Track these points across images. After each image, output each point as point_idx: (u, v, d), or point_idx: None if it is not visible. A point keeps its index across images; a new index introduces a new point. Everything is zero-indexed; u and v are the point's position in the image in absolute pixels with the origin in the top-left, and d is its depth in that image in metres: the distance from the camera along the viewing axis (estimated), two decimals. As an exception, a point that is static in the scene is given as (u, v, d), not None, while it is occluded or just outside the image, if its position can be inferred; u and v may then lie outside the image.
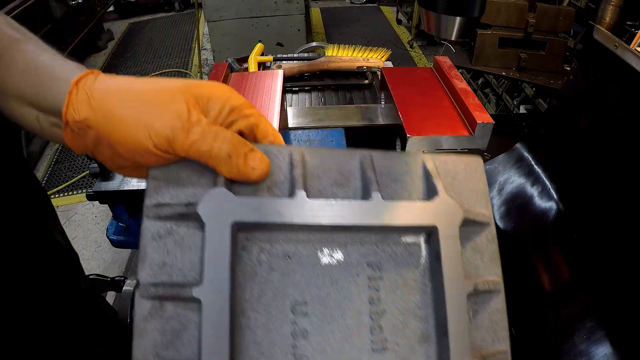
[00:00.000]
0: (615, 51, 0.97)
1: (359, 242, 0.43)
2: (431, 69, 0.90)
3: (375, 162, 0.46)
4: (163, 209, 0.40)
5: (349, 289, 0.41)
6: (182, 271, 0.38)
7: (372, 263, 0.42)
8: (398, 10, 5.29)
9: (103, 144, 0.41)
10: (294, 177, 0.42)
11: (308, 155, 0.44)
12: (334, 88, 1.24)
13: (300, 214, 0.40)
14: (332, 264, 0.42)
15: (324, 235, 0.42)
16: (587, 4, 2.34)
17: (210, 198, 0.39)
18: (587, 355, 0.84)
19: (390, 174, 0.46)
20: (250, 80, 0.86)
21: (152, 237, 0.39)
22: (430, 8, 0.77)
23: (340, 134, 0.91)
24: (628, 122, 0.96)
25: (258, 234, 0.41)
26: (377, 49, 1.33)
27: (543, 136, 1.27)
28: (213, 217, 0.39)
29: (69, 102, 0.40)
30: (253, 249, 0.40)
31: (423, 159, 0.47)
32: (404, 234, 0.44)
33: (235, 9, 3.31)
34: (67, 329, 0.61)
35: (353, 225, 0.41)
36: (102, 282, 0.86)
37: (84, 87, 0.40)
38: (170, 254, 0.39)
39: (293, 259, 0.41)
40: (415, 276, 0.43)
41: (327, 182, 0.44)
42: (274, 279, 0.40)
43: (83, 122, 0.40)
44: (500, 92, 2.79)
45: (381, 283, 0.42)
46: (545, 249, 1.06)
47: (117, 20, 5.74)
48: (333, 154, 0.46)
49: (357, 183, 0.45)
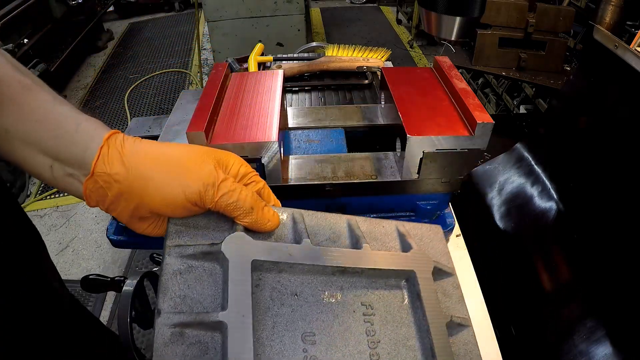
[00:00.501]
0: (615, 51, 0.97)
1: (353, 286, 0.52)
2: (431, 69, 0.90)
3: (360, 224, 0.57)
4: (186, 249, 0.47)
5: (348, 322, 0.49)
6: (201, 303, 0.44)
7: (365, 302, 0.51)
8: (398, 10, 5.28)
9: (123, 198, 0.46)
10: (298, 230, 0.52)
11: (307, 217, 0.55)
12: (334, 88, 1.24)
13: (308, 256, 0.49)
14: (333, 302, 0.50)
15: (325, 278, 0.51)
16: (587, 4, 2.34)
17: (232, 240, 0.47)
18: (587, 355, 0.84)
19: (372, 233, 0.57)
20: (250, 80, 0.86)
21: (173, 272, 0.45)
22: (430, 8, 0.77)
23: (340, 134, 0.91)
24: (628, 122, 0.96)
25: (269, 276, 0.48)
26: (377, 49, 1.33)
27: (543, 136, 1.27)
28: (235, 255, 0.46)
29: (99, 156, 0.45)
30: (265, 288, 0.48)
31: (396, 225, 0.60)
32: (387, 279, 0.54)
33: (235, 9, 3.31)
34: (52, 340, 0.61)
35: (350, 267, 0.51)
36: (102, 282, 0.86)
37: (115, 145, 0.46)
38: (190, 288, 0.45)
39: (300, 297, 0.49)
40: (400, 313, 0.52)
41: (322, 237, 0.54)
42: (285, 313, 0.47)
43: (112, 175, 0.45)
44: (500, 92, 2.79)
45: (374, 318, 0.50)
46: (545, 249, 1.06)
47: (117, 20, 5.74)
48: (325, 216, 0.57)
49: (347, 240, 0.55)
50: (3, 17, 3.08)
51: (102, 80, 4.19)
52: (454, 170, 0.74)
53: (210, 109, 0.71)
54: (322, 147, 0.88)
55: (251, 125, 0.72)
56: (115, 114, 3.63)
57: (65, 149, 0.45)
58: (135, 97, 3.86)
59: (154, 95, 3.87)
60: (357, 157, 0.81)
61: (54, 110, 0.46)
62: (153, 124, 1.00)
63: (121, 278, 0.83)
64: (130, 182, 0.45)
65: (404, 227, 0.59)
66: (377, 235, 0.57)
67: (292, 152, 0.87)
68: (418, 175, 0.75)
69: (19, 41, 3.26)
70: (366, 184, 0.76)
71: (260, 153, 0.69)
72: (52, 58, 3.63)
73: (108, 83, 4.13)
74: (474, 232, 1.06)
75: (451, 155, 0.72)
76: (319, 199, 0.80)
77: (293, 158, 0.81)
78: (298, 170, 0.78)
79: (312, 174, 0.77)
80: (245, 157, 0.70)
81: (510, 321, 1.01)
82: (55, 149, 0.45)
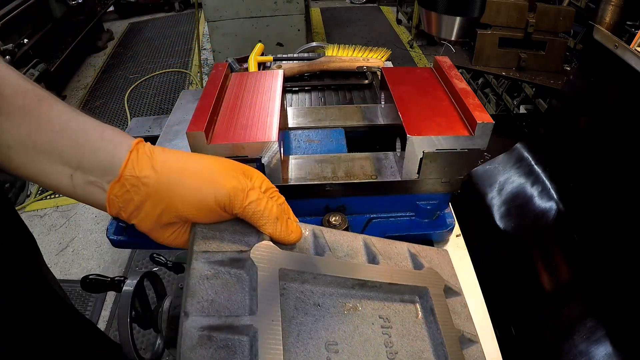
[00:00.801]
0: (615, 51, 0.97)
1: (370, 299, 0.54)
2: (431, 69, 0.90)
3: (375, 243, 0.60)
4: (213, 255, 0.48)
5: (367, 333, 0.51)
6: (228, 308, 0.45)
7: (382, 315, 0.53)
8: (398, 10, 5.28)
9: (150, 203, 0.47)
10: (320, 244, 0.55)
11: (327, 234, 0.58)
12: (334, 88, 1.24)
13: (331, 268, 0.52)
14: (353, 313, 0.52)
15: (345, 290, 0.53)
16: (587, 4, 2.34)
17: (260, 248, 0.49)
18: (587, 355, 0.84)
19: (386, 252, 0.60)
20: (250, 80, 0.86)
21: (200, 277, 0.46)
22: (431, 8, 0.77)
23: (340, 134, 0.91)
24: (628, 122, 0.96)
25: (293, 286, 0.51)
26: (377, 49, 1.33)
27: (543, 136, 1.27)
28: (264, 262, 0.48)
29: (129, 160, 0.46)
30: (290, 297, 0.50)
31: (407, 247, 0.63)
32: (402, 294, 0.56)
33: (235, 9, 3.31)
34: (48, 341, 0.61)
35: (370, 280, 0.53)
36: (102, 282, 0.86)
37: (144, 151, 0.48)
38: (218, 293, 0.46)
39: (322, 307, 0.51)
40: (415, 327, 0.54)
41: (341, 253, 0.57)
42: (309, 322, 0.49)
43: (141, 179, 0.46)
44: (500, 92, 2.79)
45: (391, 331, 0.52)
46: (545, 249, 1.06)
47: (117, 20, 5.74)
48: (343, 234, 0.59)
49: (364, 257, 0.58)
50: (3, 17, 3.08)
51: (102, 80, 4.19)
52: (454, 170, 0.74)
53: (210, 109, 0.71)
54: (322, 147, 0.88)
55: (251, 125, 0.72)
56: (115, 114, 3.63)
57: (89, 157, 0.46)
58: (135, 97, 3.86)
59: (154, 95, 3.87)
60: (357, 157, 0.81)
61: (76, 120, 0.47)
62: (153, 124, 1.00)
63: (121, 278, 0.83)
64: (159, 186, 0.46)
65: (415, 249, 0.63)
66: (391, 255, 0.60)
67: (292, 152, 0.87)
68: (418, 175, 0.75)
69: (19, 41, 3.26)
70: (366, 184, 0.76)
71: (260, 153, 0.69)
72: (52, 58, 3.63)
73: (108, 83, 4.13)
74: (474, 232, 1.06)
75: (451, 155, 0.72)
76: (319, 199, 0.80)
77: (293, 158, 0.81)
78: (298, 170, 0.78)
79: (312, 174, 0.77)
80: (245, 157, 0.70)
81: (510, 321, 1.01)
82: (77, 157, 0.46)
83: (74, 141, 0.46)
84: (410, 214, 0.84)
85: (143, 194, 0.46)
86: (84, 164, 0.46)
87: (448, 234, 0.86)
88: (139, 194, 0.46)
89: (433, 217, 0.84)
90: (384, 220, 0.84)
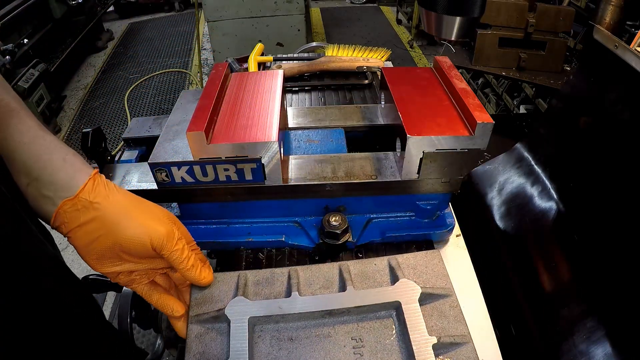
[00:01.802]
0: (615, 51, 0.97)
1: (344, 323, 0.61)
2: (431, 69, 0.90)
3: (351, 267, 0.66)
4: (202, 316, 0.61)
5: (338, 356, 0.57)
6: (214, 355, 0.57)
7: (355, 337, 0.59)
8: (398, 10, 5.28)
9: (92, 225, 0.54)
10: (291, 284, 0.64)
11: (302, 272, 0.66)
12: (334, 88, 1.24)
13: (295, 307, 0.60)
14: (325, 340, 0.59)
15: (317, 321, 0.61)
16: (587, 4, 2.34)
17: (233, 303, 0.60)
18: (587, 355, 0.84)
19: (363, 273, 0.66)
20: (250, 80, 0.86)
21: (195, 336, 0.60)
22: (430, 8, 0.77)
23: (340, 134, 0.91)
24: (628, 122, 0.96)
25: (268, 327, 0.60)
26: (377, 49, 1.33)
27: (543, 136, 1.26)
28: (235, 316, 0.59)
29: (87, 184, 0.54)
30: (266, 337, 0.59)
31: (388, 260, 0.67)
32: (378, 311, 0.61)
33: (235, 9, 3.31)
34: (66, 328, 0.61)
35: (336, 309, 0.60)
36: (102, 282, 0.86)
37: (102, 181, 0.56)
38: (207, 345, 0.59)
39: (295, 340, 0.59)
40: (390, 341, 0.58)
41: (316, 287, 0.64)
42: (282, 356, 0.57)
43: (93, 203, 0.54)
44: (500, 92, 2.79)
45: (364, 350, 0.58)
46: (545, 249, 1.06)
47: (117, 20, 5.74)
48: (320, 268, 0.67)
49: (337, 285, 0.65)
50: (3, 17, 3.08)
51: (102, 80, 4.19)
52: (454, 170, 0.74)
53: (210, 109, 0.71)
54: (322, 147, 0.88)
55: (251, 125, 0.72)
56: (115, 114, 3.63)
57: (49, 173, 0.53)
58: (135, 97, 3.86)
59: (154, 95, 3.87)
60: (357, 157, 0.81)
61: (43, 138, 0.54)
62: (153, 124, 1.00)
63: (121, 278, 0.82)
64: (106, 214, 0.54)
65: (396, 260, 0.67)
66: (369, 274, 0.66)
67: (292, 152, 0.87)
68: (418, 175, 0.75)
69: (19, 41, 3.26)
70: (366, 184, 0.76)
71: (260, 153, 0.69)
72: (52, 58, 3.63)
73: (108, 83, 4.13)
74: (474, 232, 1.06)
75: (451, 155, 0.72)
76: (319, 199, 0.80)
77: (293, 158, 0.81)
78: (298, 170, 0.78)
79: (312, 174, 0.77)
80: (245, 157, 0.70)
81: (510, 321, 1.01)
82: (37, 171, 0.52)
83: (37, 156, 0.52)
84: (410, 214, 0.84)
85: (90, 216, 0.54)
86: (42, 178, 0.53)
87: (448, 234, 0.86)
88: (87, 215, 0.54)
89: (433, 217, 0.84)
90: (384, 220, 0.84)
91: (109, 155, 0.86)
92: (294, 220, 0.84)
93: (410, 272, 0.65)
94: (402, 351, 0.57)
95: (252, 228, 0.84)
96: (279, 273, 0.66)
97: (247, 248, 0.83)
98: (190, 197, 0.78)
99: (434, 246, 0.85)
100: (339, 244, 0.78)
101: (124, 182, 0.79)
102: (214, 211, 0.82)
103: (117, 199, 0.56)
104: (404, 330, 0.58)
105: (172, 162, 0.71)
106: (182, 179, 0.73)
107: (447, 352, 0.57)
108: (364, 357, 0.57)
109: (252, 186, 0.74)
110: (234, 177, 0.72)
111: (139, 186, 0.78)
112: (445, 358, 0.56)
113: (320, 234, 0.81)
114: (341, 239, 0.78)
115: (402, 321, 0.59)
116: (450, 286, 0.64)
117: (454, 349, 0.57)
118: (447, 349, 0.57)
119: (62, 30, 3.97)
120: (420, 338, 0.56)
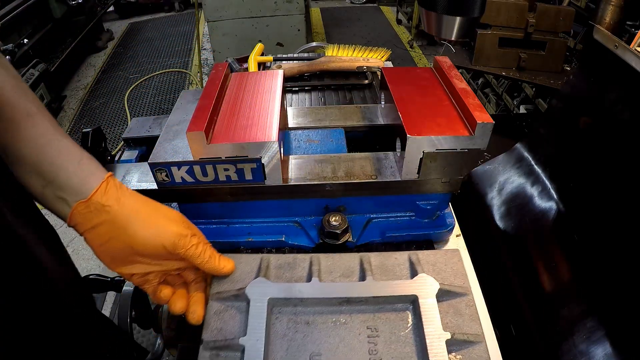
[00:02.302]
0: (615, 51, 0.97)
1: (361, 312, 0.61)
2: (431, 69, 0.90)
3: (372, 259, 0.67)
4: (223, 293, 0.63)
5: (353, 343, 0.58)
6: (232, 332, 0.59)
7: (370, 326, 0.60)
8: (398, 10, 5.28)
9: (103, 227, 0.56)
10: (312, 271, 0.65)
11: (323, 259, 0.67)
12: (334, 88, 1.24)
13: (315, 292, 0.61)
14: (340, 327, 0.60)
15: (334, 308, 0.62)
16: (587, 4, 2.34)
17: (254, 284, 0.63)
18: (587, 355, 0.84)
19: (383, 265, 0.66)
20: (250, 80, 0.86)
21: (214, 312, 0.62)
22: (430, 8, 0.77)
23: (340, 134, 0.91)
24: (628, 122, 0.96)
25: (286, 309, 0.62)
26: (377, 49, 1.33)
27: (543, 136, 1.26)
28: (256, 295, 0.61)
29: (100, 188, 0.56)
30: (284, 319, 0.61)
31: (409, 255, 0.67)
32: (395, 303, 0.62)
33: (235, 9, 3.31)
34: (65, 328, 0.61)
35: (354, 297, 0.61)
36: (102, 282, 0.86)
37: (114, 184, 0.58)
38: (225, 322, 0.60)
39: (312, 324, 0.60)
40: (405, 333, 0.59)
41: (337, 275, 0.65)
42: (298, 338, 0.59)
43: (105, 206, 0.55)
44: (500, 92, 2.79)
45: (378, 339, 0.58)
46: (545, 249, 1.06)
47: (117, 20, 5.74)
48: (342, 257, 0.68)
49: (358, 275, 0.65)
50: (3, 17, 3.08)
51: (102, 80, 4.19)
52: (454, 170, 0.74)
53: (210, 109, 0.71)
54: (322, 147, 0.88)
55: (251, 125, 0.72)
56: (115, 114, 3.63)
57: (64, 176, 0.54)
58: (135, 97, 3.86)
59: (154, 95, 3.87)
60: (357, 157, 0.81)
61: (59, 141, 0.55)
62: (153, 124, 1.00)
63: (121, 278, 0.83)
64: (116, 217, 0.56)
65: (416, 256, 0.67)
66: (389, 267, 0.66)
67: (292, 152, 0.87)
68: (418, 175, 0.75)
69: (19, 41, 3.26)
70: (366, 184, 0.76)
71: (260, 153, 0.69)
72: (52, 58, 3.63)
73: (108, 83, 4.13)
74: (474, 232, 1.06)
75: (451, 155, 0.72)
76: (319, 199, 0.80)
77: (293, 158, 0.81)
78: (298, 170, 0.78)
79: (312, 174, 0.77)
80: (245, 157, 0.70)
81: (510, 321, 1.01)
82: (53, 174, 0.54)
83: (53, 159, 0.54)
84: (410, 214, 0.84)
85: (102, 218, 0.55)
86: (57, 181, 0.54)
87: (448, 234, 0.86)
88: (99, 217, 0.55)
89: (433, 217, 0.84)
90: (384, 220, 0.84)
91: (109, 155, 0.86)
92: (294, 220, 0.84)
93: (430, 268, 0.66)
94: (416, 344, 0.58)
95: (252, 228, 0.84)
96: (300, 259, 0.67)
97: (247, 248, 0.83)
98: (190, 197, 0.78)
99: (434, 246, 0.85)
100: (339, 244, 0.78)
101: (124, 182, 0.79)
102: (214, 211, 0.82)
103: (129, 202, 0.57)
104: (419, 323, 0.59)
105: (172, 162, 0.71)
106: (182, 178, 0.73)
107: (459, 350, 0.57)
108: (377, 347, 0.58)
109: (252, 186, 0.74)
110: (234, 177, 0.72)
111: (139, 186, 0.78)
112: (458, 355, 0.57)
113: (320, 234, 0.81)
114: (341, 239, 0.78)
115: (418, 315, 0.59)
116: (467, 285, 0.65)
117: (467, 347, 0.57)
118: (460, 347, 0.57)
119: (62, 30, 3.98)
120: (435, 332, 0.57)
